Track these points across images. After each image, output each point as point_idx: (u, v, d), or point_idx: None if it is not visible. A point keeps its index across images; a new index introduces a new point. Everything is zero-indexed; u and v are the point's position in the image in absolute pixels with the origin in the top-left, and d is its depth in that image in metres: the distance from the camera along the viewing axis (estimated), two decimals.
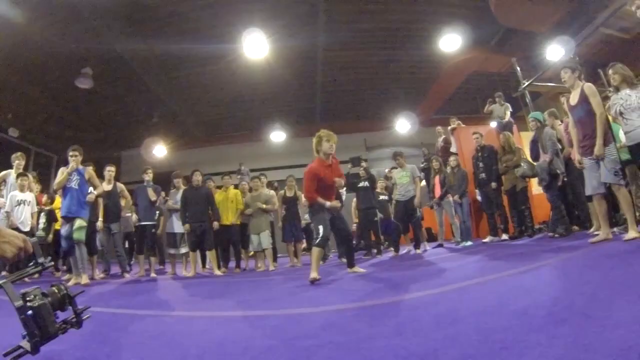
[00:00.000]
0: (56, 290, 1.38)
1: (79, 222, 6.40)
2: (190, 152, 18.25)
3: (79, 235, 6.33)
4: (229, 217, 8.55)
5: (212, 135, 18.52)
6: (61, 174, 6.58)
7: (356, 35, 12.39)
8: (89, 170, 6.71)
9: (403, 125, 17.36)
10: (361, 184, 9.20)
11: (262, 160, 17.10)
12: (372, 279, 4.89)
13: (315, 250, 5.41)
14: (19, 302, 1.25)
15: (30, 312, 1.26)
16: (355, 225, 10.51)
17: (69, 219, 6.47)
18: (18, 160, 7.87)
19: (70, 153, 6.57)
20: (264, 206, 8.59)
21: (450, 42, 12.39)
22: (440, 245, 9.39)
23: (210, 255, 8.14)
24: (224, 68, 12.86)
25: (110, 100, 14.84)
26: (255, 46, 11.05)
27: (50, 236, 8.69)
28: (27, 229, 7.26)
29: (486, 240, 8.77)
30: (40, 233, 8.18)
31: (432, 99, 16.64)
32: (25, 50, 10.95)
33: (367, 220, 9.29)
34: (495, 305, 2.43)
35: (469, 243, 8.72)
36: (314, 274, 4.98)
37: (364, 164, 9.78)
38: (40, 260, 1.47)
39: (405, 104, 16.52)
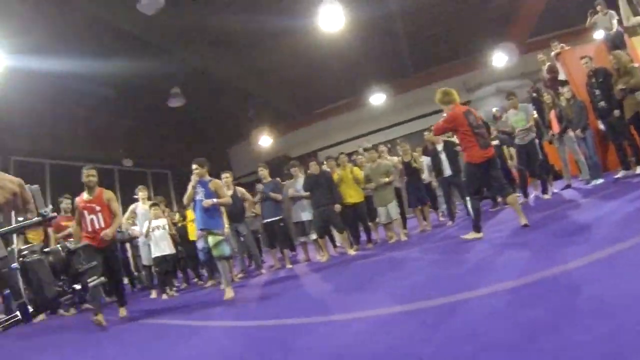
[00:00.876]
0: (60, 248, 1.17)
1: (214, 238, 6.47)
2: (294, 133, 18.61)
3: (218, 252, 6.43)
4: (352, 195, 8.48)
5: (310, 112, 18.58)
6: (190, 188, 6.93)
7: None
8: (215, 182, 6.79)
9: (500, 58, 16.20)
10: None
11: (365, 125, 17.11)
12: (510, 245, 4.77)
13: (515, 198, 5.85)
14: (2, 252, 1.05)
15: (15, 265, 1.05)
16: None
17: (205, 232, 6.69)
18: (142, 192, 8.79)
19: (193, 167, 6.75)
20: (386, 179, 8.30)
21: None
22: (569, 186, 8.82)
23: (341, 237, 8.35)
24: (301, 43, 12.63)
25: (204, 108, 15.68)
26: (332, 18, 10.51)
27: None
28: (170, 250, 8.15)
29: (619, 175, 7.97)
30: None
31: (522, 20, 15.20)
32: (119, 86, 12.23)
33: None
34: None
35: (600, 181, 8.12)
36: (524, 220, 5.56)
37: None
38: (42, 210, 1.19)
39: (496, 34, 15.43)
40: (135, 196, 8.82)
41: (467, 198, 6.02)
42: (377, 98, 17.20)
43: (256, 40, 12.15)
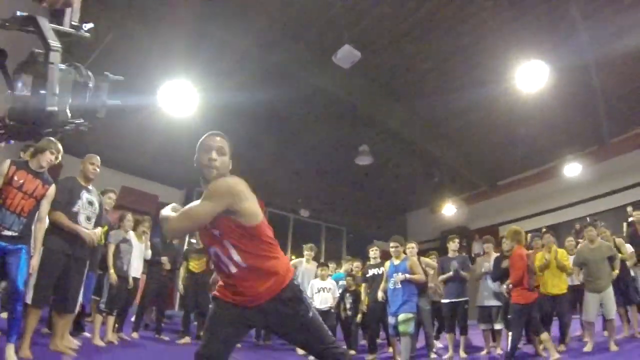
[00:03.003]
0: None
1: (405, 315, 6.33)
2: (476, 205, 17.36)
3: (404, 329, 6.27)
4: (555, 284, 6.84)
5: (494, 183, 16.95)
6: None
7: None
8: (412, 260, 6.75)
9: None
10: None
11: (553, 199, 15.00)
12: None
13: None
14: None
15: None
16: None
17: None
18: (308, 252, 8.95)
19: (391, 244, 6.78)
20: (615, 272, 6.56)
21: None
22: None
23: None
24: (492, 110, 11.90)
25: (388, 169, 15.61)
26: (531, 78, 9.39)
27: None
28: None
29: None
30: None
31: None
32: (310, 138, 13.20)
33: None
34: None
35: None
36: None
37: None
38: None
39: None
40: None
41: None
42: (572, 168, 14.00)
43: (450, 110, 11.97)
